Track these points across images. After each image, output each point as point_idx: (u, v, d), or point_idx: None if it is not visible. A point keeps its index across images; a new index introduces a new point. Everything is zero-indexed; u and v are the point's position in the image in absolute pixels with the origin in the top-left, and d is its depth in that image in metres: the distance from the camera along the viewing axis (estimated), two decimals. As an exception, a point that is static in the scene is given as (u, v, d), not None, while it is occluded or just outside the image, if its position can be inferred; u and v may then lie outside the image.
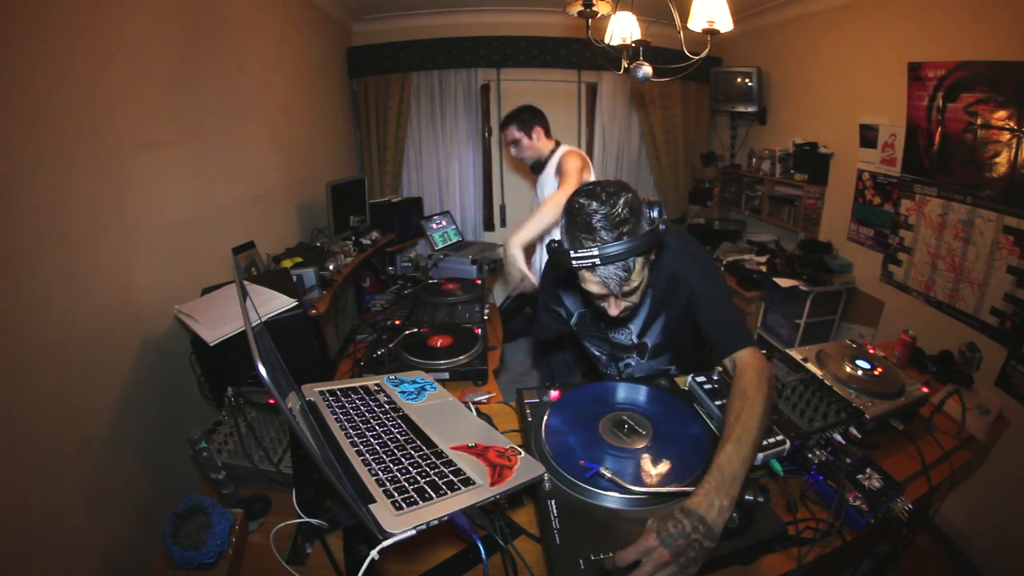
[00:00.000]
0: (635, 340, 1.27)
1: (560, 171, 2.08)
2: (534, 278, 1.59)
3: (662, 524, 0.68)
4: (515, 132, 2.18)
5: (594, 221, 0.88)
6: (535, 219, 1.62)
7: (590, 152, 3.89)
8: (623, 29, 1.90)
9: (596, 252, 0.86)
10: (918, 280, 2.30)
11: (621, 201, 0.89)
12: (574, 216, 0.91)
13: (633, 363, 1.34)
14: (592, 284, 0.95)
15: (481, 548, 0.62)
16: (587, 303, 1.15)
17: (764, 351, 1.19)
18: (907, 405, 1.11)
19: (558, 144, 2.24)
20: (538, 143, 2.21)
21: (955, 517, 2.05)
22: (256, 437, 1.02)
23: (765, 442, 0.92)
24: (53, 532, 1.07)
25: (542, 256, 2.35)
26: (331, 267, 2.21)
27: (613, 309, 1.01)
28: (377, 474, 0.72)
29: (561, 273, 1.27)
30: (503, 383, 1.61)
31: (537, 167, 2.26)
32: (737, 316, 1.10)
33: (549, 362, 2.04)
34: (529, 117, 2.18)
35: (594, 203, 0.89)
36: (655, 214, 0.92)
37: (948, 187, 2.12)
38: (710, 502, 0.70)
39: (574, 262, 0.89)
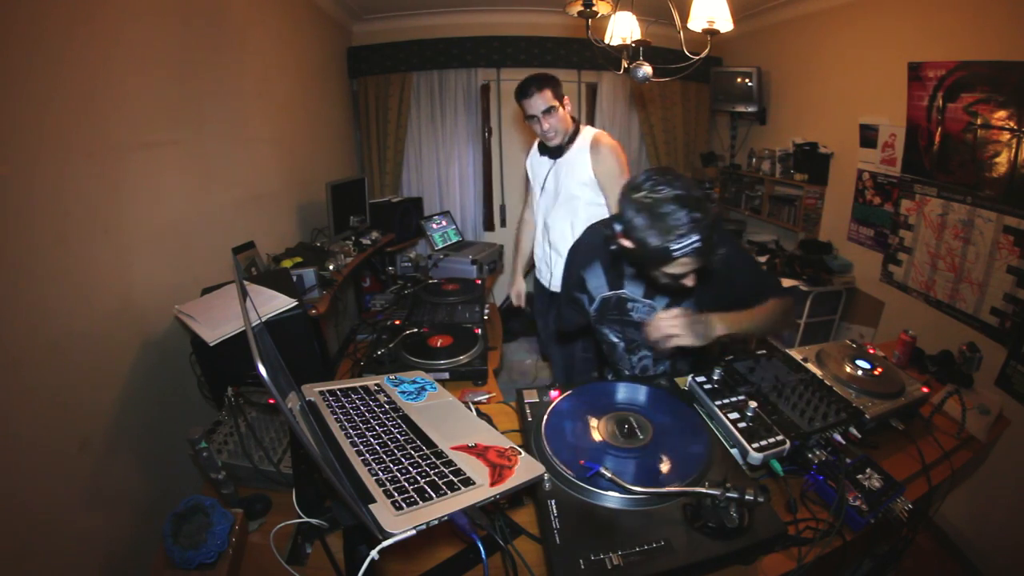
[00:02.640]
0: None
1: (602, 164, 1.74)
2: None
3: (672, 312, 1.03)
4: (552, 98, 1.72)
5: (682, 212, 0.94)
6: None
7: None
8: (623, 29, 1.90)
9: (697, 237, 0.94)
10: (918, 280, 2.29)
11: (682, 184, 0.97)
12: (658, 211, 0.95)
13: (649, 356, 1.36)
14: (685, 266, 1.01)
15: (481, 548, 0.62)
16: (650, 283, 1.20)
17: (762, 351, 1.21)
18: (907, 405, 1.11)
19: (576, 122, 1.85)
20: (568, 116, 1.80)
21: (955, 517, 2.05)
22: (256, 437, 1.02)
23: (765, 442, 0.93)
24: (53, 532, 1.07)
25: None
26: (331, 267, 2.21)
27: (693, 280, 1.05)
28: (377, 474, 0.72)
29: (597, 247, 1.28)
30: (503, 383, 1.61)
31: (558, 149, 1.83)
32: (767, 277, 1.23)
33: (569, 352, 1.97)
34: (558, 83, 1.76)
35: (669, 192, 0.95)
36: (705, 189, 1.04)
37: (948, 187, 2.12)
38: (716, 318, 1.07)
39: (677, 253, 0.95)
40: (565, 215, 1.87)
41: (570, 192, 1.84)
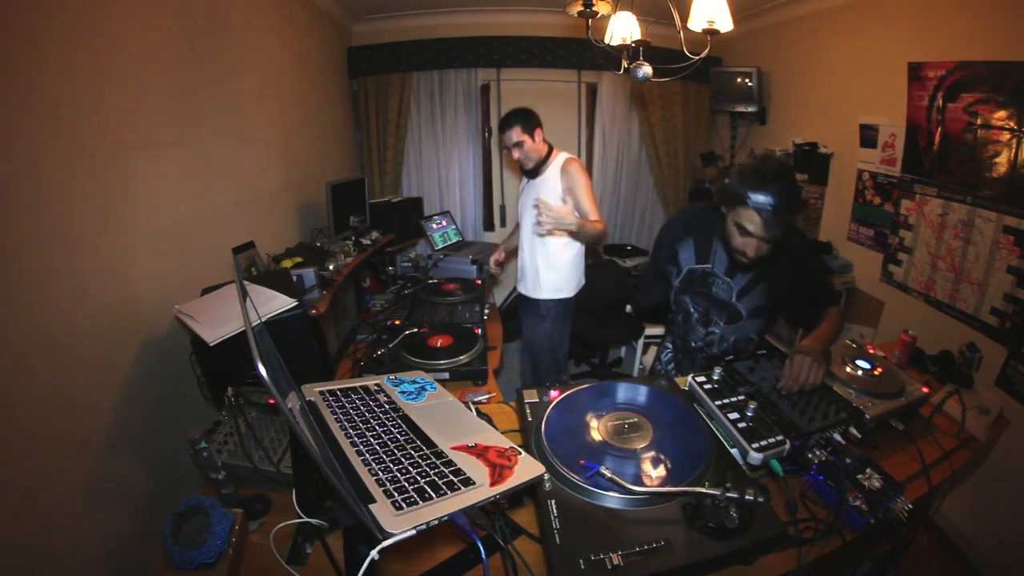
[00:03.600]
0: (733, 299, 1.43)
1: (569, 180, 2.08)
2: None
3: (801, 348, 1.13)
4: (520, 134, 2.10)
5: (776, 179, 1.15)
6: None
7: (590, 153, 3.89)
8: (623, 29, 1.90)
9: (773, 202, 1.14)
10: (918, 280, 2.29)
11: (792, 172, 1.22)
12: (757, 170, 1.18)
13: (718, 330, 1.48)
14: (753, 224, 1.19)
15: (481, 548, 0.62)
16: (726, 247, 1.35)
17: (762, 351, 1.22)
18: (907, 405, 1.11)
19: (550, 147, 2.19)
20: (540, 145, 2.15)
21: (955, 517, 2.05)
22: (256, 437, 1.02)
23: (764, 442, 0.93)
24: (53, 531, 1.07)
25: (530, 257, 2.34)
26: (331, 267, 2.21)
27: (752, 251, 1.24)
28: (377, 474, 0.72)
29: (692, 224, 1.49)
30: (503, 383, 1.61)
31: (533, 171, 2.19)
32: (830, 284, 1.45)
33: (538, 354, 2.35)
34: (530, 118, 2.13)
35: (774, 165, 1.18)
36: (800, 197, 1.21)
37: (948, 187, 2.12)
38: (818, 344, 1.17)
39: (751, 200, 1.16)
40: (531, 226, 2.17)
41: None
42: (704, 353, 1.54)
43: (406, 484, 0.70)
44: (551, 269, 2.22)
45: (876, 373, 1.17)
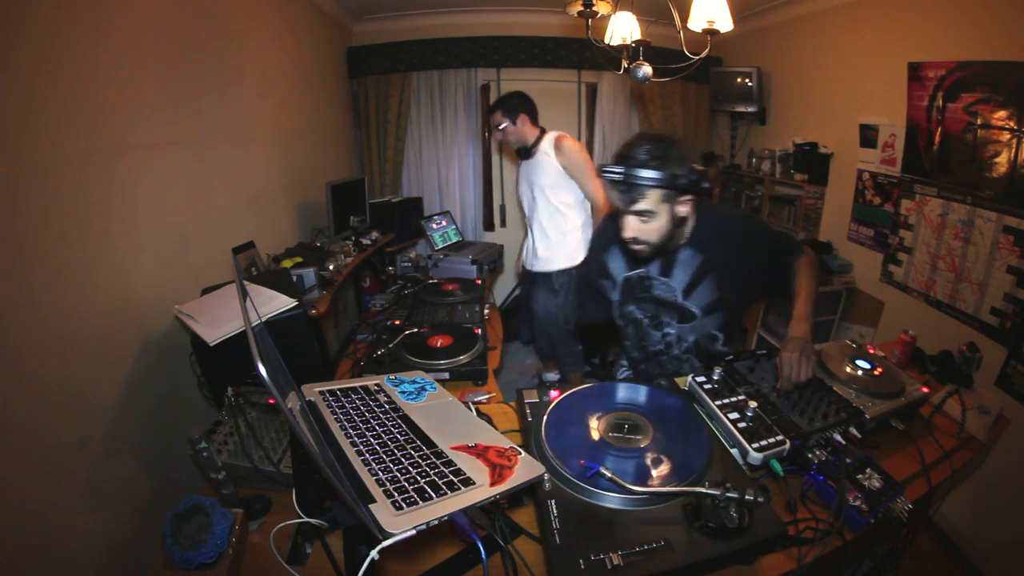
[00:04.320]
0: (679, 299, 1.33)
1: (565, 157, 2.18)
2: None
3: (786, 350, 1.08)
4: (499, 117, 2.23)
5: (631, 149, 1.11)
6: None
7: (590, 152, 3.89)
8: (623, 29, 1.90)
9: (621, 170, 1.09)
10: (918, 280, 2.29)
11: (660, 145, 1.11)
12: (625, 144, 1.13)
13: (674, 330, 1.39)
14: (616, 198, 1.15)
15: (481, 548, 0.62)
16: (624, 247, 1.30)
17: (762, 351, 1.22)
18: (907, 405, 1.11)
19: (543, 131, 2.28)
20: (522, 129, 2.24)
21: (955, 517, 2.05)
22: (256, 437, 1.02)
23: (764, 442, 0.93)
24: (53, 531, 1.07)
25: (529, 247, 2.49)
26: (331, 267, 2.21)
27: (627, 231, 1.18)
28: (377, 474, 0.72)
29: (614, 231, 1.37)
30: (503, 383, 1.61)
31: (523, 152, 2.30)
32: (783, 240, 1.36)
33: (551, 335, 2.43)
34: (517, 104, 2.22)
35: (641, 140, 1.12)
36: (691, 174, 1.11)
37: (948, 187, 2.12)
38: (802, 328, 1.12)
39: (603, 173, 1.11)
40: (532, 205, 2.38)
41: (536, 185, 2.30)
42: (667, 355, 1.44)
43: (406, 484, 0.70)
44: (562, 237, 2.34)
45: (876, 373, 1.16)
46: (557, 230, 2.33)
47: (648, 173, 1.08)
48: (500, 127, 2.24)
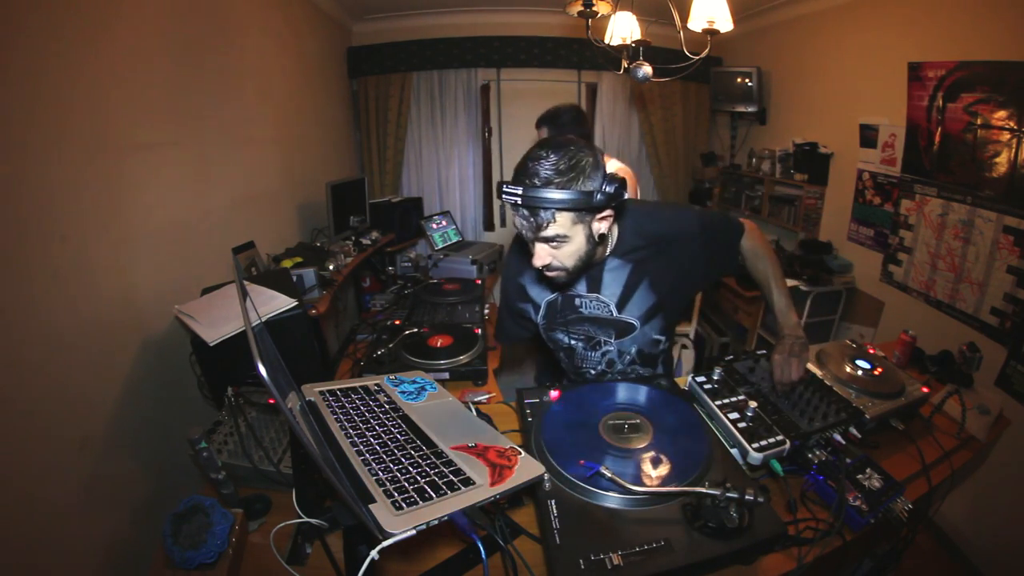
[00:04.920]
0: (613, 313, 1.19)
1: None
2: None
3: (777, 348, 1.09)
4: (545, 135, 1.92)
5: (531, 164, 0.91)
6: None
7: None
8: (623, 29, 1.90)
9: (520, 192, 0.89)
10: (918, 280, 2.29)
11: (567, 156, 0.90)
12: (524, 157, 0.94)
13: (613, 347, 1.24)
14: (521, 227, 0.97)
15: (481, 548, 0.62)
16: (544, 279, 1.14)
17: (762, 351, 1.22)
18: (907, 405, 1.11)
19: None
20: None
21: (955, 517, 2.05)
22: (256, 437, 1.02)
23: (765, 442, 0.93)
24: (53, 531, 1.07)
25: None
26: (331, 267, 2.21)
27: (537, 259, 1.00)
28: (377, 474, 0.72)
29: (523, 260, 1.21)
30: (503, 383, 1.61)
31: None
32: (717, 220, 1.24)
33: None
34: (568, 121, 1.86)
35: (543, 151, 0.91)
36: (606, 185, 0.91)
37: (948, 187, 2.12)
38: (790, 321, 1.13)
39: (503, 195, 0.92)
40: None
41: None
42: (611, 372, 1.29)
43: (406, 484, 0.70)
44: None
45: (876, 373, 1.16)
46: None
47: (554, 194, 0.88)
48: None
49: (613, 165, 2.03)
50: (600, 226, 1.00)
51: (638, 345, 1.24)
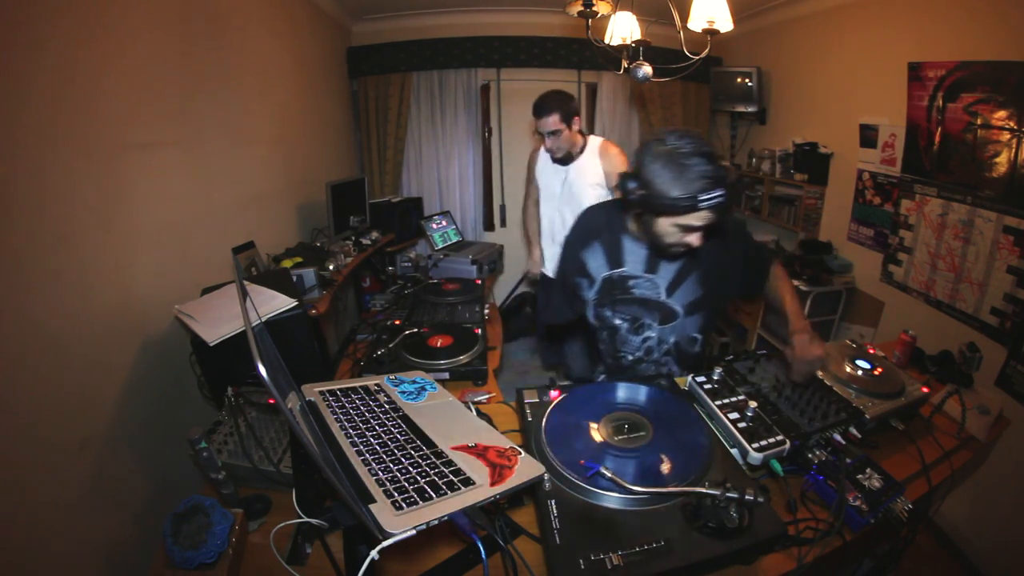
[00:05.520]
0: (662, 296, 1.27)
1: (611, 163, 2.05)
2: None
3: (795, 343, 1.09)
4: (558, 122, 1.97)
5: (708, 166, 1.00)
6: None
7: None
8: (623, 29, 1.90)
9: (721, 191, 1.00)
10: (918, 280, 2.29)
11: (704, 142, 1.02)
12: (687, 161, 1.00)
13: (655, 333, 1.31)
14: (700, 220, 1.05)
15: (481, 548, 0.62)
16: (654, 245, 1.20)
17: (762, 351, 1.22)
18: (907, 405, 1.11)
19: (583, 135, 2.13)
20: (575, 135, 2.06)
21: (955, 517, 2.05)
22: (256, 437, 1.02)
23: (765, 442, 0.93)
24: (53, 531, 1.07)
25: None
26: (331, 267, 2.21)
27: (699, 240, 1.10)
28: (377, 474, 0.72)
29: (595, 228, 1.33)
30: (503, 383, 1.61)
31: (567, 158, 2.11)
32: (760, 245, 1.36)
33: (564, 350, 2.08)
34: (569, 106, 2.00)
35: (692, 146, 1.00)
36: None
37: (948, 187, 2.12)
38: (802, 324, 1.14)
39: (703, 204, 1.00)
40: (573, 214, 2.03)
41: (581, 193, 2.10)
42: (647, 361, 1.36)
43: (406, 484, 0.70)
44: None
45: (876, 373, 1.16)
46: None
47: (730, 181, 1.03)
48: (554, 132, 1.99)
49: (596, 141, 2.11)
50: None
51: (676, 336, 1.32)
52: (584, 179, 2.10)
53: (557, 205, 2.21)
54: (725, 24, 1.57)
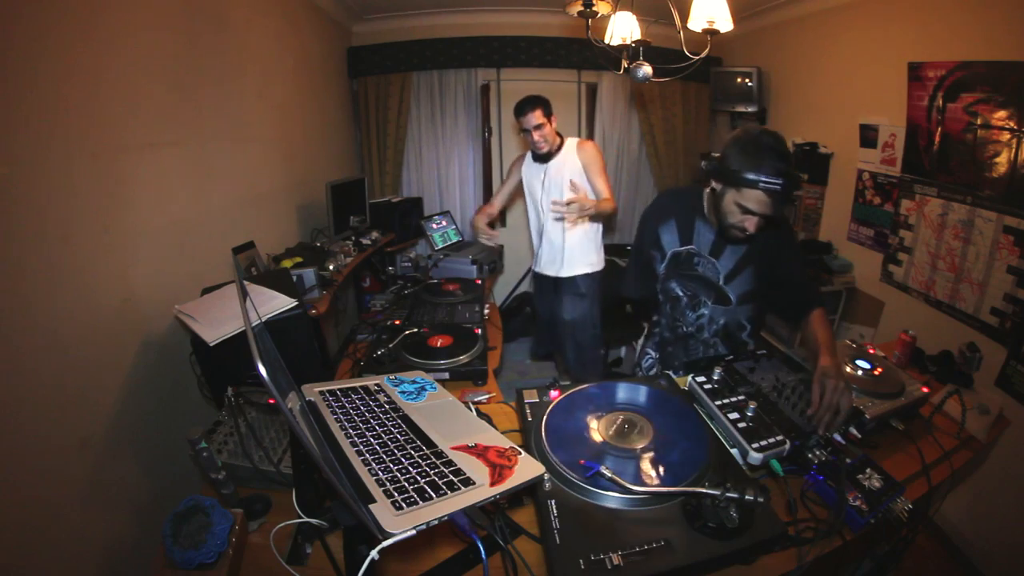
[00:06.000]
0: (720, 281, 1.40)
1: (586, 156, 2.23)
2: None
3: (823, 380, 1.04)
4: (541, 116, 2.19)
5: (779, 156, 1.13)
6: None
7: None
8: (623, 29, 1.90)
9: (780, 182, 1.12)
10: (918, 280, 2.29)
11: (784, 145, 1.16)
12: (763, 148, 1.14)
13: (708, 311, 1.46)
14: (760, 204, 1.17)
15: (481, 548, 0.62)
16: (720, 223, 1.31)
17: (762, 351, 1.22)
18: (907, 405, 1.11)
19: (560, 135, 2.32)
20: (554, 132, 2.25)
21: (955, 517, 2.05)
22: (256, 437, 1.02)
23: (765, 442, 0.93)
24: (53, 531, 1.07)
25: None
26: (331, 267, 2.21)
27: (754, 227, 1.21)
28: (377, 474, 0.72)
29: (671, 206, 1.48)
30: (503, 383, 1.61)
31: (546, 156, 2.29)
32: (812, 282, 1.41)
33: (578, 341, 2.41)
34: (549, 105, 2.22)
35: (776, 142, 1.15)
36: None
37: (948, 187, 2.12)
38: (834, 361, 1.09)
39: (762, 184, 1.13)
40: (549, 208, 2.26)
41: (558, 186, 2.26)
42: (695, 339, 1.51)
43: (406, 484, 0.70)
44: (586, 243, 2.39)
45: (876, 373, 1.17)
46: (583, 233, 2.35)
47: (796, 179, 1.15)
48: (539, 125, 2.19)
49: (574, 140, 2.29)
50: None
51: (727, 319, 1.45)
52: (563, 173, 2.25)
53: (539, 200, 2.38)
54: (725, 24, 1.56)
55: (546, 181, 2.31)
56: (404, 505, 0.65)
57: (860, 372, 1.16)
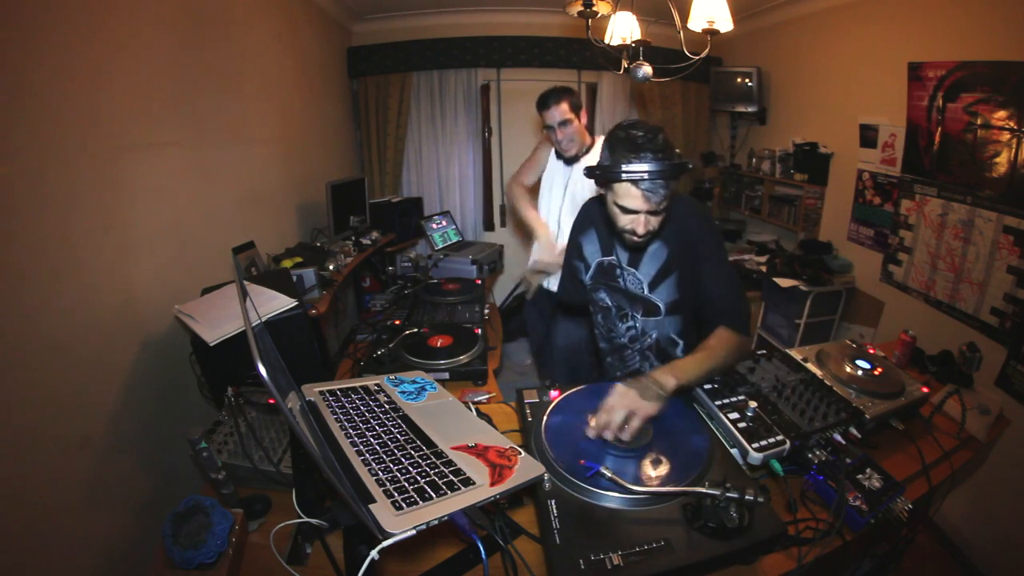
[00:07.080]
0: (645, 291, 1.30)
1: None
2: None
3: (610, 394, 0.97)
4: (568, 111, 1.83)
5: (641, 143, 1.04)
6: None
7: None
8: (623, 29, 1.90)
9: (646, 167, 1.02)
10: (918, 280, 2.29)
11: (661, 135, 1.06)
12: (622, 141, 1.06)
13: (637, 324, 1.36)
14: (633, 199, 1.07)
15: (481, 548, 0.62)
16: (613, 232, 1.25)
17: (762, 351, 1.22)
18: (907, 405, 1.11)
19: (593, 135, 1.98)
20: (584, 130, 1.90)
21: (955, 517, 2.05)
22: (256, 437, 1.02)
23: (765, 442, 0.93)
24: (53, 531, 1.07)
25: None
26: (331, 267, 2.21)
27: (641, 227, 1.11)
28: (377, 474, 0.72)
29: (593, 215, 1.38)
30: (503, 383, 1.61)
31: (573, 159, 1.93)
32: (740, 298, 1.23)
33: (577, 362, 1.99)
34: (577, 97, 1.87)
35: (640, 132, 1.06)
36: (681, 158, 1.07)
37: (948, 187, 2.12)
38: (663, 373, 1.00)
39: (624, 175, 1.03)
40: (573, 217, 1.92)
41: (582, 197, 1.85)
42: (631, 349, 1.40)
43: (406, 484, 0.70)
44: None
45: (876, 373, 1.16)
46: None
47: (663, 165, 1.01)
48: (565, 122, 1.83)
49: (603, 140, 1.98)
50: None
51: (658, 332, 1.34)
52: (586, 183, 1.81)
53: (558, 205, 2.01)
54: (725, 24, 1.57)
55: (569, 185, 1.95)
56: (404, 505, 0.65)
57: (860, 372, 1.16)
